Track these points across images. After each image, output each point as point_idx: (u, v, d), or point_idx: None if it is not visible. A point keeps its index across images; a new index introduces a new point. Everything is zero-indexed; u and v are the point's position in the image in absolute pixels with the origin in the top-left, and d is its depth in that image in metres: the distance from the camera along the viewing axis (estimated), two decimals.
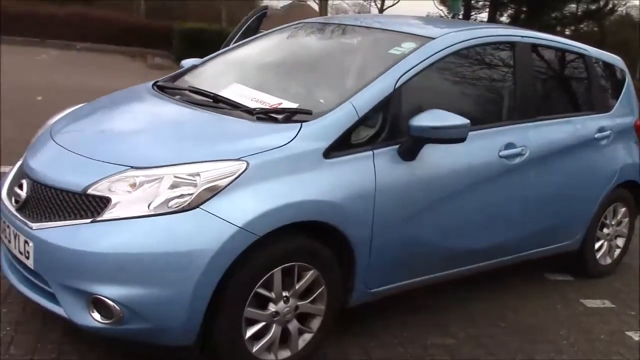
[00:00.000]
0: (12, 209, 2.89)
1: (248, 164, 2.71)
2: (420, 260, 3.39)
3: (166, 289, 2.55)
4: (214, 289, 2.61)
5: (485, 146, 3.55)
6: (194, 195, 2.59)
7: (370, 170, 3.03)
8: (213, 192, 2.62)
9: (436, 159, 3.30)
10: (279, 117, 3.04)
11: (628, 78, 4.74)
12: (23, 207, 2.85)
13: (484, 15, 22.04)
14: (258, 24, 5.22)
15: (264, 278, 2.76)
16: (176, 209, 2.58)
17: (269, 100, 3.22)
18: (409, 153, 3.16)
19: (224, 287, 2.65)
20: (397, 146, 3.15)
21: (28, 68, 12.42)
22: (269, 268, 2.77)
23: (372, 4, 31.05)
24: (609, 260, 4.71)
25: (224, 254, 2.58)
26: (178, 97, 3.44)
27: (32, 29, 17.61)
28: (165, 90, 3.59)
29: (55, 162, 2.94)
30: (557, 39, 4.28)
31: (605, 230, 4.60)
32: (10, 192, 3.00)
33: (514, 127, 3.75)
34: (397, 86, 3.18)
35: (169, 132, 3.04)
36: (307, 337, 3.02)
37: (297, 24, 4.27)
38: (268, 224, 2.68)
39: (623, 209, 4.66)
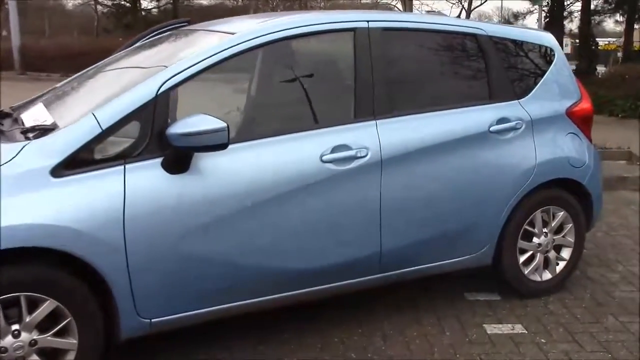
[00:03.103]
0: None
1: None
2: (217, 285, 2.99)
3: None
4: None
5: (300, 152, 3.09)
6: None
7: (118, 188, 2.72)
8: None
9: (224, 169, 2.93)
10: (31, 134, 2.83)
11: (558, 57, 3.95)
12: None
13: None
14: None
15: None
16: None
17: (43, 119, 3.01)
18: (174, 165, 2.81)
19: None
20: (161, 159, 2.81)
21: None
22: None
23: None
24: (547, 276, 3.93)
25: None
26: None
27: None
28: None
29: None
30: (429, 19, 3.65)
31: (536, 240, 3.84)
32: None
33: (349, 127, 3.23)
34: (160, 92, 2.85)
35: None
36: None
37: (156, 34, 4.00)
38: None
39: (561, 213, 3.87)
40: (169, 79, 2.88)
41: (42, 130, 2.82)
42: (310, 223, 3.11)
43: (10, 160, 2.63)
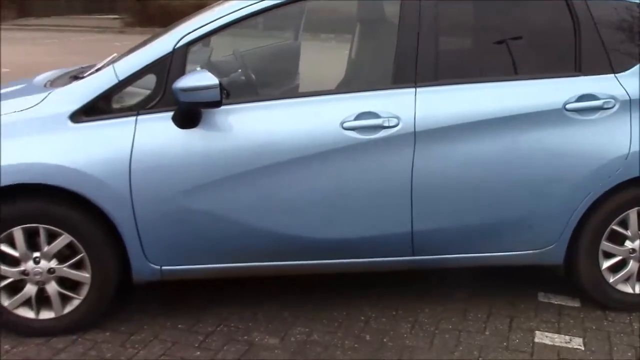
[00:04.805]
0: None
1: None
2: (228, 243, 3.00)
3: None
4: None
5: (319, 116, 2.93)
6: None
7: (128, 138, 2.85)
8: None
9: (235, 128, 2.92)
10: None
11: None
12: None
13: None
14: None
15: (3, 235, 2.88)
16: None
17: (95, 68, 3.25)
18: (181, 120, 2.87)
19: None
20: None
21: None
22: (5, 226, 2.88)
23: None
24: None
25: None
26: None
27: None
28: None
29: None
30: None
31: (629, 244, 3.21)
32: None
33: (382, 93, 2.98)
34: (177, 46, 2.90)
35: None
36: (76, 302, 3.02)
37: None
38: None
39: None
40: (187, 35, 2.91)
41: (76, 78, 3.05)
42: (324, 192, 2.95)
43: (36, 105, 2.89)
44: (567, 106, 3.01)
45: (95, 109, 2.88)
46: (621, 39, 3.13)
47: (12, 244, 2.90)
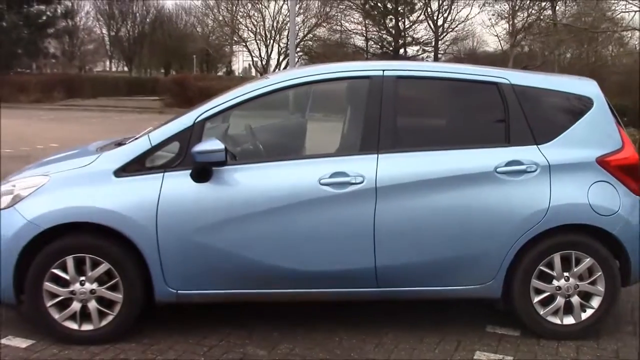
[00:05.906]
0: None
1: (50, 178, 3.83)
2: (230, 273, 3.82)
3: None
4: (14, 265, 3.74)
5: (302, 174, 3.80)
6: (10, 198, 3.82)
7: (156, 189, 3.76)
8: (23, 196, 3.80)
9: (237, 182, 3.80)
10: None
11: (597, 106, 4.01)
12: None
13: None
14: None
15: (58, 262, 3.77)
16: (5, 207, 3.84)
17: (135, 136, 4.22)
18: (196, 176, 3.77)
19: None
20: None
21: None
22: (61, 255, 3.77)
23: None
24: (570, 321, 3.97)
25: (17, 240, 3.72)
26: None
27: None
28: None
29: None
30: (448, 68, 4.05)
31: (555, 282, 3.94)
32: None
33: (352, 157, 3.86)
34: (197, 120, 3.85)
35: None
36: (110, 318, 3.85)
37: None
38: (49, 220, 3.71)
39: (586, 260, 3.92)
40: (203, 112, 3.87)
41: (120, 144, 4.01)
42: (305, 233, 3.78)
43: (89, 164, 3.85)
44: (498, 169, 3.85)
45: (133, 167, 3.81)
46: (542, 118, 3.99)
47: (64, 270, 3.78)
